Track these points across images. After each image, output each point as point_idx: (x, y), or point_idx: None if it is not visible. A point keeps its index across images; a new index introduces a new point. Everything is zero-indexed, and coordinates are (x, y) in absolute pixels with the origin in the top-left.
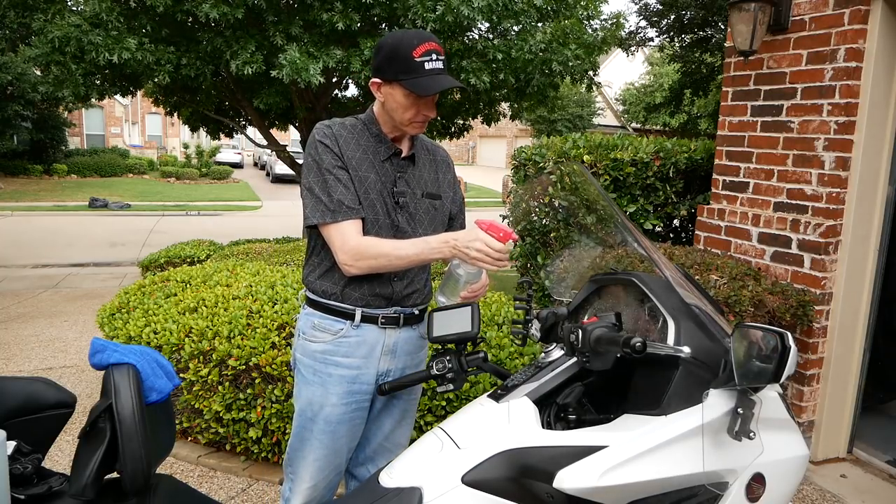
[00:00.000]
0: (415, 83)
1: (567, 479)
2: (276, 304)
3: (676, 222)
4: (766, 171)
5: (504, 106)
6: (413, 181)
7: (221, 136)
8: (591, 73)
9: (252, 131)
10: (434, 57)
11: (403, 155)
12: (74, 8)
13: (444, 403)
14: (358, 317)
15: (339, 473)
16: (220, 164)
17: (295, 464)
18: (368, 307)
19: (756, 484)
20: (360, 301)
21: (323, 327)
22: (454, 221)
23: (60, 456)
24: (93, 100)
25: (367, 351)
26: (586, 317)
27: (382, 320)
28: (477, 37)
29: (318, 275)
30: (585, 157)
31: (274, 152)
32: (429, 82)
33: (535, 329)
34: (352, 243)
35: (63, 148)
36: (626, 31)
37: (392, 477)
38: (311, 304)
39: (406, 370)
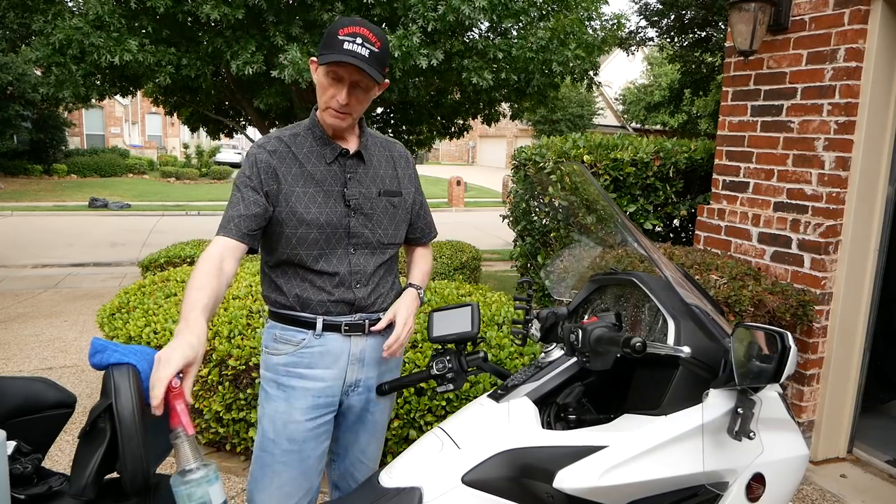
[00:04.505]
0: (323, 56)
1: (567, 479)
2: None
3: (676, 222)
4: (766, 170)
5: (504, 106)
6: (367, 180)
7: (221, 136)
8: (591, 73)
9: (252, 131)
10: (359, 41)
11: (351, 153)
12: (74, 9)
13: (444, 403)
14: (319, 325)
15: (313, 500)
16: (220, 164)
17: (256, 497)
18: (329, 314)
19: (756, 484)
20: (321, 308)
21: (284, 339)
22: (414, 226)
23: (60, 456)
24: (93, 100)
25: (332, 361)
26: (586, 317)
27: (346, 328)
28: (477, 36)
29: (269, 287)
30: (585, 157)
31: None
32: (336, 56)
33: (535, 329)
34: (199, 258)
35: (63, 148)
36: (627, 30)
37: (392, 477)
38: (272, 315)
39: (383, 378)
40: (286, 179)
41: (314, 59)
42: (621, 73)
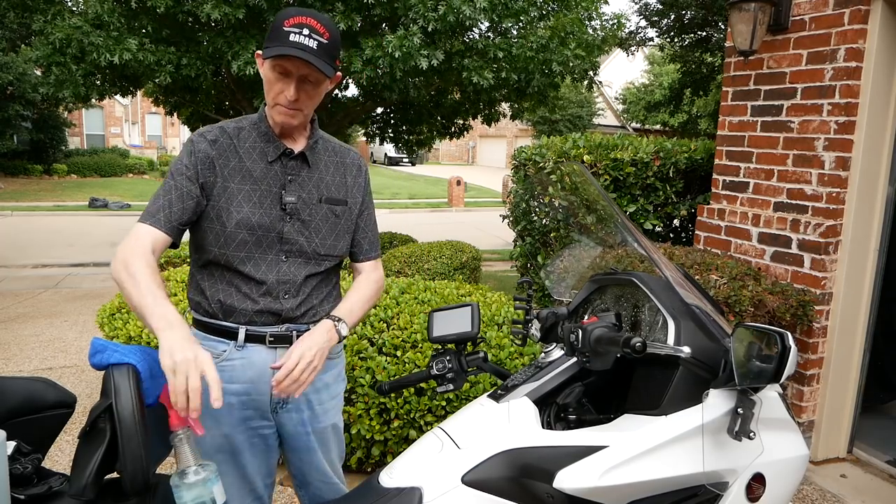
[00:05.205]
0: (268, 49)
1: (567, 479)
2: None
3: (676, 222)
4: (766, 170)
5: (504, 106)
6: (309, 184)
7: None
8: (591, 72)
9: None
10: (306, 32)
11: (295, 153)
12: (74, 9)
13: (444, 403)
14: (241, 336)
15: (260, 497)
16: None
17: None
18: (253, 324)
19: (756, 484)
20: (243, 317)
21: (205, 350)
22: (354, 239)
23: (60, 456)
24: (93, 100)
25: (256, 375)
26: (586, 317)
27: (271, 339)
28: (477, 36)
29: (194, 289)
30: (585, 157)
31: None
32: (281, 49)
33: (535, 329)
34: (128, 247)
35: (63, 148)
36: (626, 31)
37: (392, 477)
38: (195, 323)
39: (318, 394)
40: (222, 172)
41: (259, 52)
42: (621, 73)
